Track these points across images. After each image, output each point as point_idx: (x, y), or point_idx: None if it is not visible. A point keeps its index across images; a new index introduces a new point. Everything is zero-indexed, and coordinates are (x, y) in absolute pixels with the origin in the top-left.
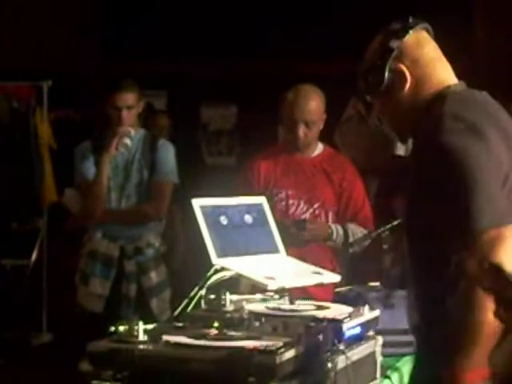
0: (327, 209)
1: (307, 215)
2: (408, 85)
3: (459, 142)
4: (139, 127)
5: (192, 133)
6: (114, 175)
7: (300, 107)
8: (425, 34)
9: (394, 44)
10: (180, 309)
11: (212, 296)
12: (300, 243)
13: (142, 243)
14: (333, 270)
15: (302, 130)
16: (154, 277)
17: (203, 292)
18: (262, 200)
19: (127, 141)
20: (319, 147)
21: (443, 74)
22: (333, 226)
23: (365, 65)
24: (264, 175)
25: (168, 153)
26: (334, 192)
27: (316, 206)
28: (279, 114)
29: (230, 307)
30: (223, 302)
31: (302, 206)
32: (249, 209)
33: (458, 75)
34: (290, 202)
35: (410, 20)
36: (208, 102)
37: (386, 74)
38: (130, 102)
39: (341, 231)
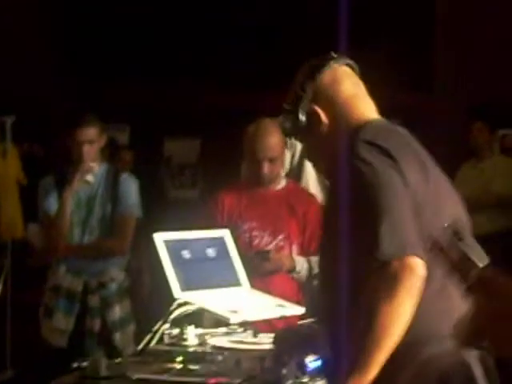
0: (291, 241)
1: (271, 247)
2: (324, 125)
3: (371, 168)
4: (102, 162)
5: (155, 166)
6: (77, 210)
7: (262, 144)
8: (344, 71)
9: (308, 85)
10: (143, 344)
11: (175, 330)
12: (264, 274)
13: (106, 278)
14: (298, 303)
15: (266, 167)
16: (117, 311)
17: (166, 326)
18: (224, 233)
19: (89, 176)
20: (283, 181)
21: (362, 110)
22: (297, 258)
23: (284, 106)
24: (228, 208)
25: (131, 187)
26: (298, 224)
27: (280, 238)
28: (242, 150)
29: (193, 341)
30: (186, 337)
31: (266, 238)
32: (211, 242)
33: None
34: (254, 233)
35: (329, 56)
36: (171, 135)
37: (301, 117)
38: (91, 136)
39: (305, 263)
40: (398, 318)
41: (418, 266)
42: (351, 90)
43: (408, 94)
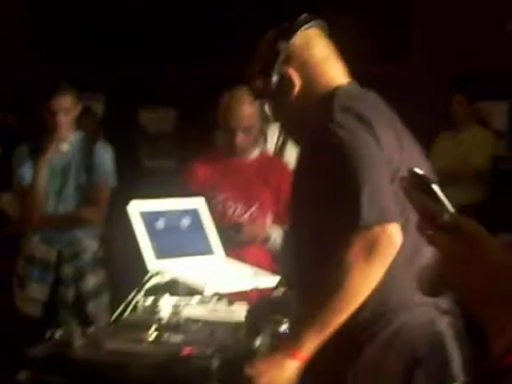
0: (265, 211)
1: (245, 217)
2: (296, 87)
3: (349, 134)
4: (76, 130)
5: (131, 136)
6: (52, 179)
7: (236, 114)
8: (315, 33)
9: (281, 47)
10: (117, 314)
11: (149, 300)
12: (238, 245)
13: (80, 247)
14: (272, 272)
15: (239, 137)
16: (91, 281)
17: (140, 296)
18: (199, 203)
19: (64, 145)
20: (256, 151)
21: (333, 73)
22: (271, 228)
23: (253, 68)
24: (202, 179)
25: (105, 156)
26: (272, 194)
27: (254, 207)
28: (215, 119)
29: (166, 312)
30: (160, 307)
31: (239, 208)
32: (185, 212)
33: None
34: (228, 204)
35: (301, 18)
36: (146, 105)
37: (274, 79)
38: (66, 105)
39: (279, 233)
40: (371, 282)
41: (396, 234)
42: (323, 52)
43: (382, 65)
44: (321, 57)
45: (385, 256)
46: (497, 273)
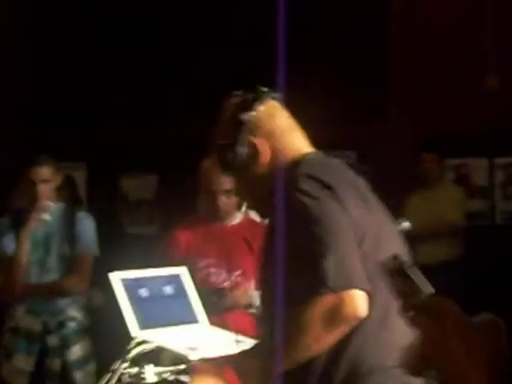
0: (248, 276)
1: (228, 284)
2: (263, 157)
3: (313, 201)
4: (58, 200)
5: (112, 203)
6: (34, 250)
7: (217, 177)
8: (275, 104)
9: (246, 117)
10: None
11: (134, 369)
12: (221, 311)
13: (65, 317)
14: (255, 337)
15: (221, 200)
16: (77, 350)
17: (125, 365)
18: (181, 270)
19: (46, 214)
20: (239, 216)
21: (298, 142)
22: (253, 294)
23: (217, 140)
24: (185, 245)
25: (88, 225)
26: (255, 260)
27: (237, 274)
28: (199, 184)
29: (151, 380)
30: (145, 376)
31: (223, 274)
32: (168, 280)
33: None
34: (212, 270)
35: (260, 90)
36: (128, 172)
37: (240, 150)
38: (45, 175)
39: None
40: (323, 345)
41: (361, 300)
42: (286, 123)
43: (361, 125)
44: (285, 127)
45: (346, 322)
46: (469, 346)
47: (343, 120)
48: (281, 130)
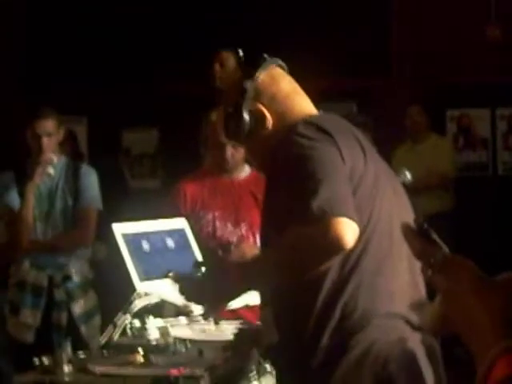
0: (254, 230)
1: (234, 237)
2: (268, 122)
3: (310, 141)
4: (61, 154)
5: (114, 158)
6: (39, 204)
7: None
8: (278, 70)
9: (247, 85)
10: (105, 337)
11: (137, 322)
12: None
13: (70, 271)
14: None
15: (229, 152)
16: (83, 304)
17: (128, 318)
18: (183, 224)
19: (50, 169)
20: (246, 169)
21: (302, 105)
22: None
23: (223, 110)
24: (190, 198)
25: (91, 179)
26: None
27: (243, 227)
28: (202, 136)
29: (154, 333)
30: (148, 328)
31: (229, 227)
32: (171, 233)
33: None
34: (217, 223)
35: (262, 56)
36: (129, 126)
37: (246, 117)
38: (49, 129)
39: None
40: (300, 267)
41: (348, 228)
42: (289, 87)
43: (362, 76)
44: (287, 91)
45: (331, 247)
46: (488, 305)
47: (345, 71)
48: (284, 94)
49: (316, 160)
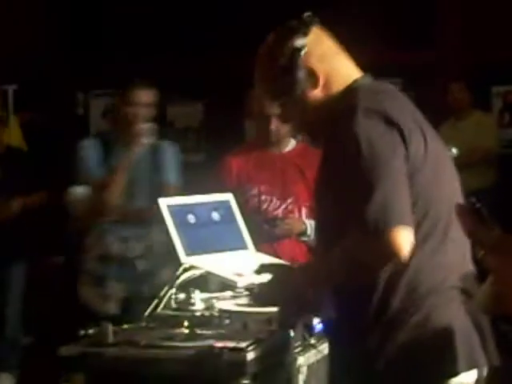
0: (300, 204)
1: (280, 211)
2: (319, 81)
3: (372, 133)
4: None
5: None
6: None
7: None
8: (321, 30)
9: (300, 42)
10: (150, 309)
11: (182, 295)
12: (273, 239)
13: (152, 241)
14: None
15: (274, 124)
16: (165, 275)
17: (173, 291)
18: (229, 197)
19: (146, 139)
20: (292, 142)
21: (348, 67)
22: (307, 222)
23: (270, 68)
24: (236, 172)
25: (173, 154)
26: (307, 188)
27: (289, 201)
28: (247, 110)
29: (199, 306)
30: (193, 301)
31: (274, 201)
32: (216, 206)
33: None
34: (263, 197)
35: (306, 17)
36: (173, 100)
37: (298, 75)
38: (146, 99)
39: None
40: (356, 278)
41: (404, 237)
42: (333, 47)
43: (408, 51)
44: (334, 51)
45: (383, 258)
46: None
47: (389, 46)
48: (331, 54)
49: (376, 159)
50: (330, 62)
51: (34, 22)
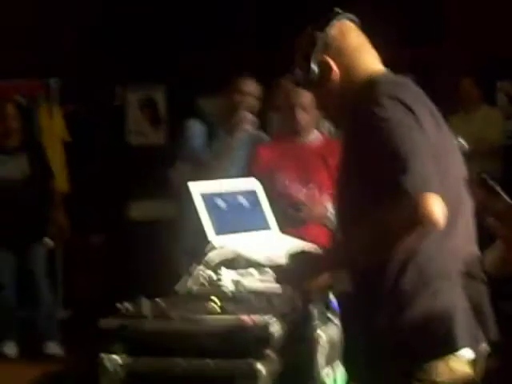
0: (323, 191)
1: (303, 196)
2: (335, 74)
3: (395, 115)
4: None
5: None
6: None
7: (295, 92)
8: (349, 24)
9: (318, 36)
10: (180, 285)
11: (210, 272)
12: (298, 223)
13: None
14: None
15: (299, 114)
16: None
17: (202, 269)
18: (256, 184)
19: (249, 127)
20: (316, 133)
21: (369, 60)
22: (329, 206)
23: (296, 59)
24: (265, 160)
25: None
26: (331, 176)
27: (312, 187)
28: (273, 101)
29: (227, 283)
30: (221, 279)
31: (298, 187)
32: (243, 193)
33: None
34: (287, 183)
35: (335, 11)
36: (204, 93)
37: (313, 67)
38: (252, 90)
39: None
40: (400, 246)
41: (438, 204)
42: (357, 41)
43: (415, 49)
44: (355, 45)
45: (422, 224)
46: None
47: (397, 43)
48: (352, 48)
49: (404, 133)
50: (350, 56)
51: (77, 22)
